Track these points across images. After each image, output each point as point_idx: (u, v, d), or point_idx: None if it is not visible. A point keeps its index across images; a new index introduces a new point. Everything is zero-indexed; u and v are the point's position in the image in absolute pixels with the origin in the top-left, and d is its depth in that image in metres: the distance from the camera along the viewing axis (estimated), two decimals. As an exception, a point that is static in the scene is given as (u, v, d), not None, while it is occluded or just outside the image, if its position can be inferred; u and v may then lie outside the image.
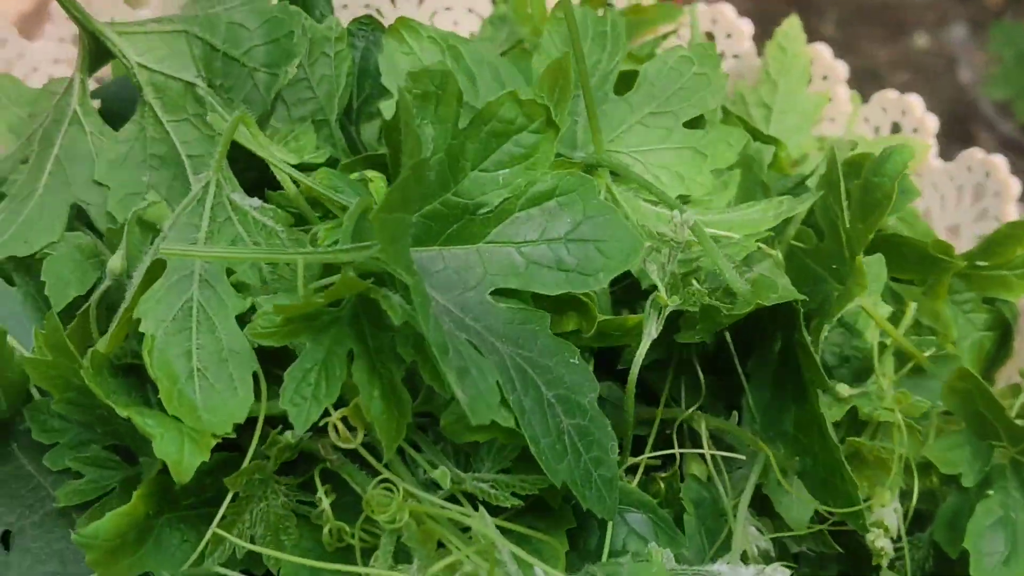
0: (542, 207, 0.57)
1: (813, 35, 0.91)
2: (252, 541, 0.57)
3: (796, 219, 0.68)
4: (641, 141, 0.68)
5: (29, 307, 0.64)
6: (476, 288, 0.57)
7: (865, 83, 0.97)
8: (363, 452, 0.56)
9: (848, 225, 0.63)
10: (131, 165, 0.67)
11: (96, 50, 0.68)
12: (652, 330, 0.59)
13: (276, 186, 0.65)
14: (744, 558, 0.62)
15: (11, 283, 0.64)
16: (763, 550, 0.63)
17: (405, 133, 0.50)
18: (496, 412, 0.52)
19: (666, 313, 0.60)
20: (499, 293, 0.57)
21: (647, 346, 0.60)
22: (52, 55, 0.90)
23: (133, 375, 0.60)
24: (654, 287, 0.61)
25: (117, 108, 0.71)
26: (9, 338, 0.60)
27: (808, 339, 0.61)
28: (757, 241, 0.64)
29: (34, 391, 0.62)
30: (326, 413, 0.55)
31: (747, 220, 0.65)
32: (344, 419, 0.56)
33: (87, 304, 0.62)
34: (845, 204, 0.63)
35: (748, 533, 0.63)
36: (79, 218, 0.67)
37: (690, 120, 0.70)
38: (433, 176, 0.55)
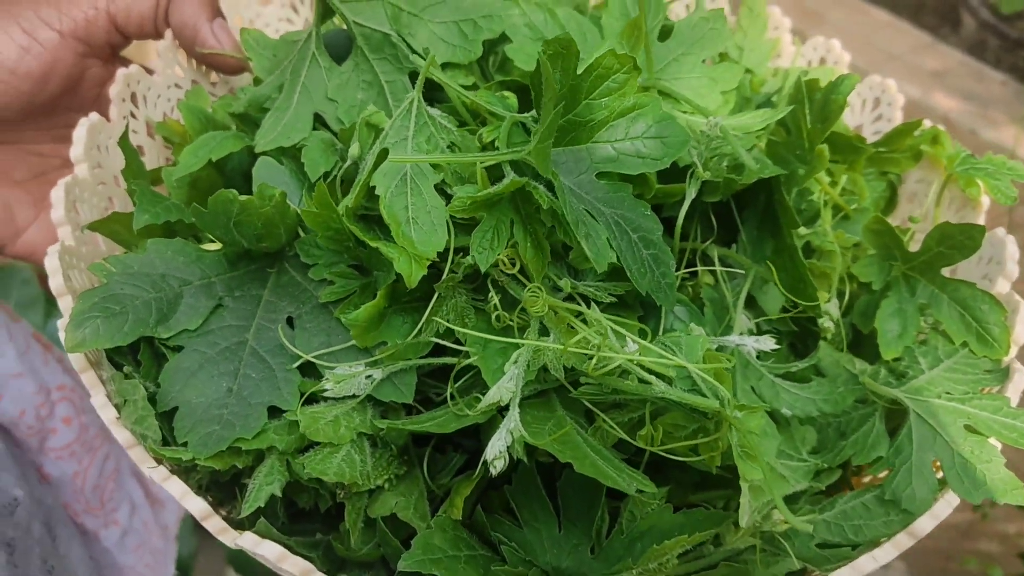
0: (628, 117, 0.69)
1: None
2: (448, 323, 0.67)
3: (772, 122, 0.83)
4: (675, 72, 0.82)
5: (292, 178, 0.76)
6: (586, 173, 0.67)
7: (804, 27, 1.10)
8: (519, 276, 0.69)
9: (810, 126, 0.78)
10: (350, 87, 0.79)
11: (325, 11, 0.81)
12: (692, 192, 0.74)
13: (441, 100, 0.78)
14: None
15: (280, 163, 0.76)
16: (748, 328, 0.79)
17: (546, 87, 0.60)
18: (608, 256, 0.64)
19: (699, 182, 0.75)
20: (600, 175, 0.67)
21: (688, 204, 0.74)
22: (278, 16, 1.03)
23: (364, 221, 0.71)
24: (688, 167, 0.75)
25: (334, 49, 0.83)
26: (284, 197, 0.69)
27: (786, 196, 0.77)
28: (749, 135, 0.81)
29: (300, 231, 0.74)
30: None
31: (745, 123, 0.78)
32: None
33: (332, 175, 0.75)
34: (807, 111, 0.79)
35: (742, 319, 0.80)
36: (319, 121, 0.78)
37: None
38: (560, 106, 0.64)
